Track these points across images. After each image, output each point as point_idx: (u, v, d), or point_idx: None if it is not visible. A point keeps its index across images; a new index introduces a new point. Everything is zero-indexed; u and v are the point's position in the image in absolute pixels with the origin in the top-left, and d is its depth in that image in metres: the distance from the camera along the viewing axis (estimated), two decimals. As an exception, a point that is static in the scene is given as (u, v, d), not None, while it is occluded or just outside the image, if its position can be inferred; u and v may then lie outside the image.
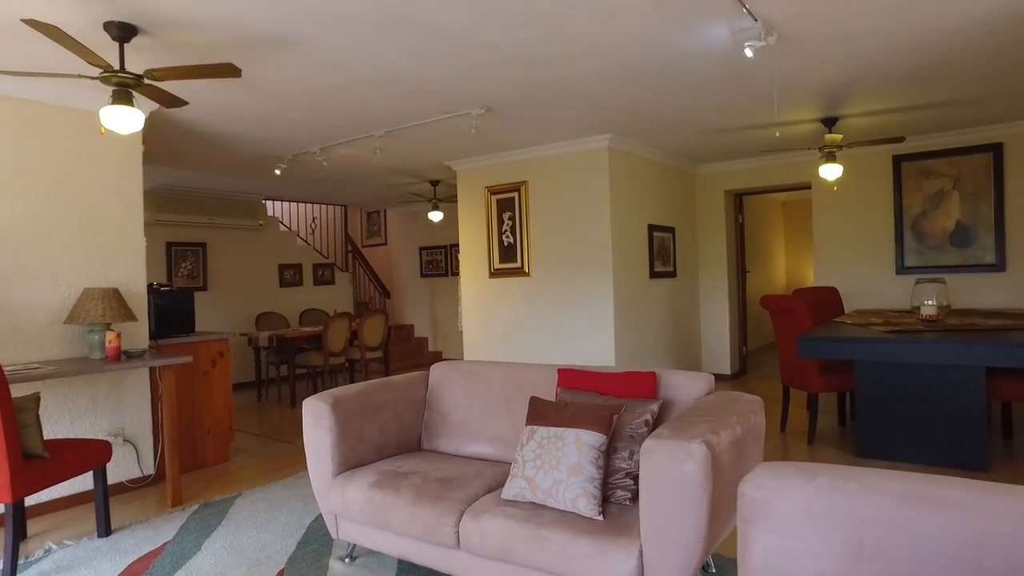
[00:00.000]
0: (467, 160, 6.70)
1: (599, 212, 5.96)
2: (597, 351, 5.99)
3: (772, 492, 1.61)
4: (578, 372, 2.91)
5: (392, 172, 7.27)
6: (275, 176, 7.07)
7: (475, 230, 6.77)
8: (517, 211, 6.43)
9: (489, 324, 6.67)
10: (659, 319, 6.80)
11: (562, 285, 6.18)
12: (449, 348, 10.04)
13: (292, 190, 8.23)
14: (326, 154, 6.01)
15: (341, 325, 6.96)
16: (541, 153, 6.23)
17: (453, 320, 9.89)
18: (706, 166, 7.69)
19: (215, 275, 8.08)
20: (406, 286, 10.50)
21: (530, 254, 6.36)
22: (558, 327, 6.21)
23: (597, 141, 5.90)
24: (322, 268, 9.32)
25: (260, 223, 8.33)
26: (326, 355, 6.84)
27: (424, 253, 10.24)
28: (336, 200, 9.45)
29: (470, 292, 6.83)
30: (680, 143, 6.37)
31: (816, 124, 5.70)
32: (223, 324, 8.12)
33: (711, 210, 7.77)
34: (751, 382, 7.39)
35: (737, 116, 5.36)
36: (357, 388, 3.15)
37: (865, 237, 6.90)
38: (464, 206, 6.87)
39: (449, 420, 3.29)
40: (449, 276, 9.95)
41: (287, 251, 8.90)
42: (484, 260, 6.69)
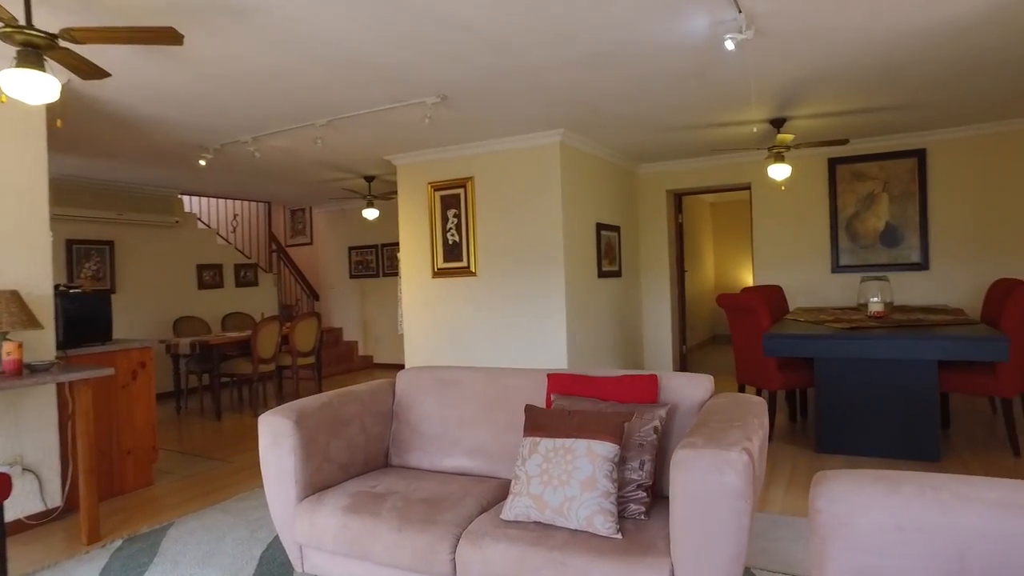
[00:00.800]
0: (409, 154, 6.37)
1: (550, 210, 5.78)
2: (549, 354, 5.80)
3: (851, 505, 1.44)
4: (572, 377, 2.69)
5: (326, 166, 6.83)
6: (196, 168, 6.48)
7: (417, 228, 6.44)
8: (463, 208, 6.16)
9: (432, 326, 6.36)
10: (606, 319, 6.70)
11: (511, 285, 5.96)
12: (381, 352, 9.62)
13: (213, 184, 7.61)
14: (259, 144, 5.53)
15: (272, 330, 6.46)
16: (489, 148, 5.99)
17: (385, 323, 9.48)
18: (648, 166, 7.68)
19: (124, 276, 7.35)
20: (334, 287, 9.99)
21: (477, 253, 6.10)
22: (507, 329, 5.98)
23: (549, 136, 5.72)
24: (244, 269, 8.69)
25: (176, 220, 7.65)
26: (255, 362, 6.32)
27: (354, 253, 9.76)
28: (260, 196, 8.85)
29: (412, 293, 6.49)
30: (628, 141, 6.29)
31: (765, 125, 5.75)
32: (134, 330, 7.39)
33: (652, 210, 7.77)
34: (693, 381, 7.41)
35: (690, 115, 5.32)
36: (320, 400, 2.80)
37: (802, 237, 7.06)
38: (405, 203, 6.53)
39: (421, 432, 3.00)
40: (381, 277, 9.53)
41: (206, 250, 8.23)
42: (427, 259, 6.38)
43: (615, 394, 2.56)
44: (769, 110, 5.29)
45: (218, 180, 7.32)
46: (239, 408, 6.87)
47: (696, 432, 2.02)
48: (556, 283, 5.76)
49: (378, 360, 9.64)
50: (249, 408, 6.79)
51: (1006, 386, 4.22)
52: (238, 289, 8.60)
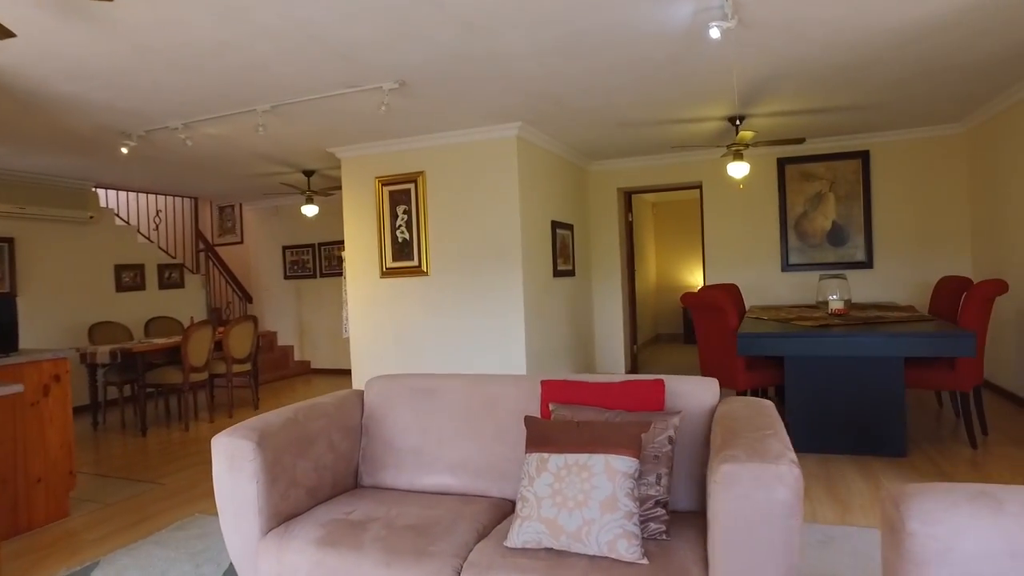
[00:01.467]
0: (356, 147, 5.98)
1: (507, 207, 5.53)
2: (506, 357, 5.55)
3: (952, 527, 1.26)
4: (570, 384, 2.45)
5: (264, 159, 6.34)
6: (115, 158, 5.88)
7: (363, 225, 6.06)
8: (413, 204, 5.83)
9: (380, 329, 6.00)
10: (562, 320, 6.52)
11: (466, 285, 5.67)
12: (319, 357, 9.12)
13: (134, 177, 6.96)
14: (191, 132, 5.03)
15: (204, 335, 5.92)
16: (443, 141, 5.69)
17: (323, 326, 8.99)
18: (599, 163, 7.55)
19: (29, 278, 6.61)
20: (268, 289, 9.40)
21: (429, 251, 5.78)
22: (462, 331, 5.70)
23: (506, 130, 5.47)
24: (169, 269, 8.02)
25: (90, 215, 6.95)
26: (186, 371, 5.78)
27: (289, 252, 9.22)
28: (186, 191, 8.20)
29: (358, 294, 6.11)
30: (584, 137, 6.12)
31: (722, 122, 5.70)
32: (41, 339, 6.66)
33: (603, 208, 7.65)
34: (646, 381, 7.32)
35: (653, 109, 5.19)
36: (284, 416, 2.45)
37: (753, 236, 7.09)
38: (350, 199, 6.13)
39: (396, 448, 2.69)
40: (318, 277, 9.03)
41: (125, 249, 7.54)
42: (374, 258, 6.01)
43: (620, 402, 2.34)
44: (730, 107, 5.23)
45: (140, 172, 6.70)
46: (167, 421, 6.29)
47: (732, 444, 1.82)
48: (513, 283, 5.52)
49: (316, 366, 9.14)
50: (179, 421, 6.22)
51: (964, 380, 4.28)
52: (162, 291, 7.93)
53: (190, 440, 5.47)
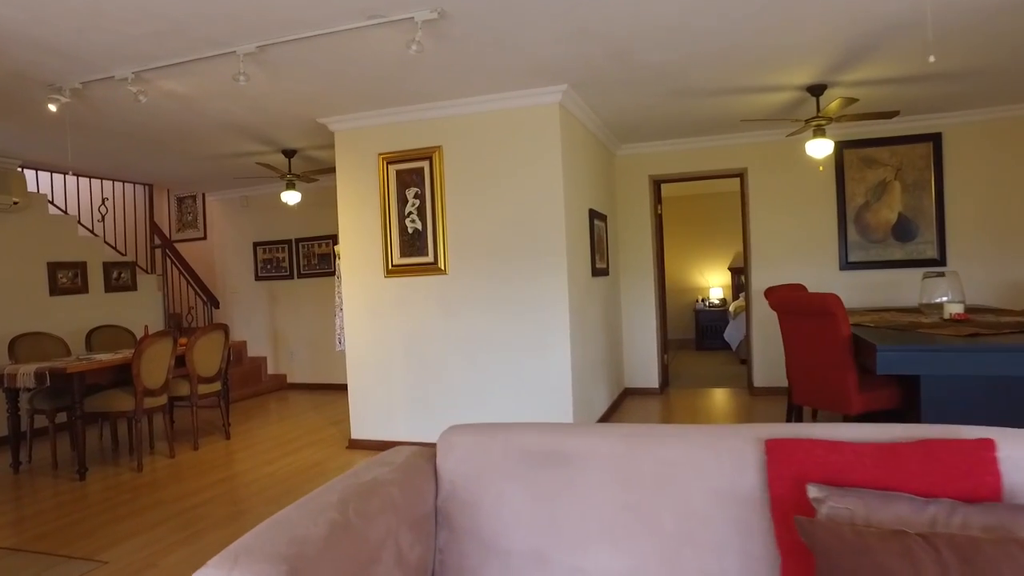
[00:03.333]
0: (354, 117, 4.86)
1: (547, 189, 4.49)
2: (545, 374, 4.50)
3: None
4: (821, 444, 1.42)
5: (237, 132, 5.16)
6: (41, 124, 4.64)
7: (363, 214, 4.94)
8: (427, 187, 4.73)
9: (386, 340, 4.88)
10: (598, 328, 5.50)
11: (494, 287, 4.60)
12: (296, 370, 7.91)
13: (70, 154, 5.68)
14: (145, 84, 3.85)
15: (161, 349, 4.71)
16: (465, 109, 4.62)
17: (302, 335, 7.79)
18: (629, 147, 6.56)
19: (-62, 278, 5.30)
20: (236, 292, 8.15)
21: (446, 245, 4.70)
22: (489, 343, 4.62)
23: (547, 94, 4.42)
24: (118, 268, 6.73)
25: (14, 201, 5.65)
26: (139, 395, 4.57)
27: (261, 250, 7.99)
28: (139, 176, 6.92)
29: (356, 298, 4.97)
30: (625, 109, 5.11)
31: (797, 93, 4.76)
32: (-47, 353, 5.35)
33: (632, 198, 6.66)
34: (683, 397, 6.36)
35: (728, 71, 4.22)
36: (327, 519, 1.37)
37: (806, 230, 6.18)
38: (346, 182, 5.00)
39: (499, 552, 1.63)
40: (295, 278, 7.83)
41: (62, 244, 6.24)
42: (377, 254, 4.89)
43: (923, 478, 1.32)
44: (815, 72, 4.29)
45: (79, 147, 5.43)
46: (114, 456, 5.05)
47: None
48: (556, 283, 4.47)
49: (294, 380, 7.92)
50: (129, 456, 4.99)
51: None
52: (109, 295, 6.64)
53: (143, 485, 4.27)
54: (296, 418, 6.20)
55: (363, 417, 4.96)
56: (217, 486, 4.17)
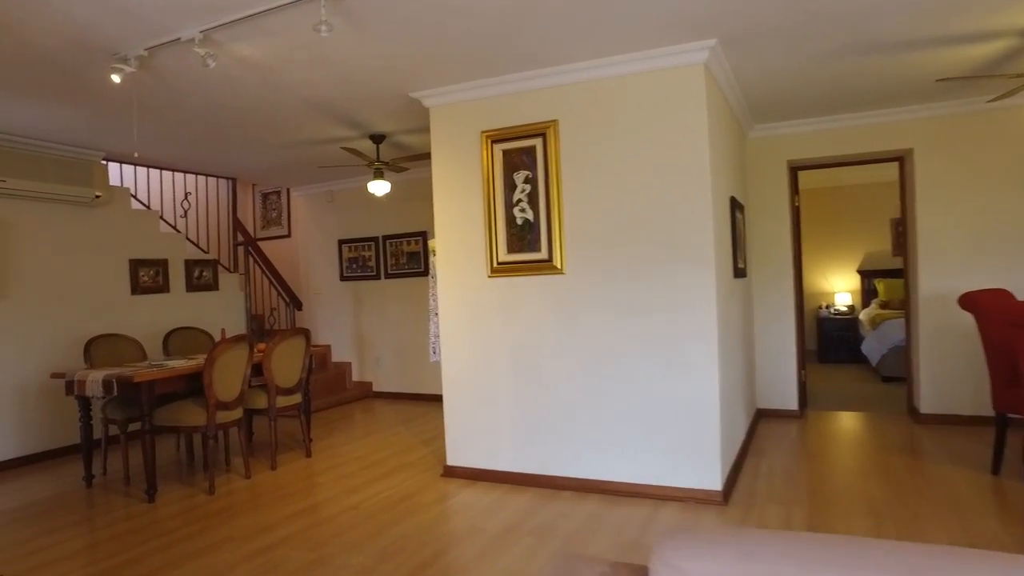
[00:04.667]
0: (452, 89, 4.16)
1: (690, 171, 3.64)
2: (686, 397, 3.64)
3: None
4: None
5: (319, 111, 4.58)
6: (113, 103, 4.18)
7: (462, 203, 4.23)
8: (539, 170, 3.97)
9: (487, 350, 4.15)
10: (739, 337, 4.58)
11: (622, 288, 3.79)
12: (381, 379, 7.34)
13: (147, 143, 5.28)
14: (214, 46, 3.28)
15: (236, 357, 4.17)
16: (586, 74, 3.83)
17: (389, 340, 7.21)
18: (763, 127, 5.60)
19: (17, 273, 4.99)
20: (320, 293, 7.68)
21: (563, 239, 3.92)
22: (615, 355, 3.81)
23: (690, 52, 3.58)
24: (200, 267, 6.35)
25: (97, 194, 5.31)
26: (212, 408, 4.03)
27: (346, 248, 7.48)
28: (220, 168, 6.52)
29: (454, 300, 4.27)
30: (774, 73, 4.17)
31: (1016, 40, 3.70)
32: (28, 356, 5.03)
33: (767, 188, 5.69)
34: (829, 422, 5.33)
35: (921, 17, 3.25)
36: None
37: (996, 223, 5.03)
38: (443, 166, 4.32)
39: None
40: (382, 279, 7.26)
41: (145, 240, 5.89)
42: (480, 249, 4.17)
43: None
44: (1057, 6, 3.25)
45: (154, 133, 5.00)
46: (188, 473, 4.56)
47: None
48: (700, 288, 3.61)
49: (379, 388, 7.36)
50: (203, 474, 4.48)
51: None
52: (190, 295, 6.26)
53: (214, 512, 3.71)
54: (383, 434, 5.58)
55: (461, 440, 4.25)
56: (294, 520, 3.55)
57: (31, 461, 5.06)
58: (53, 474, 4.74)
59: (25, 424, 5.02)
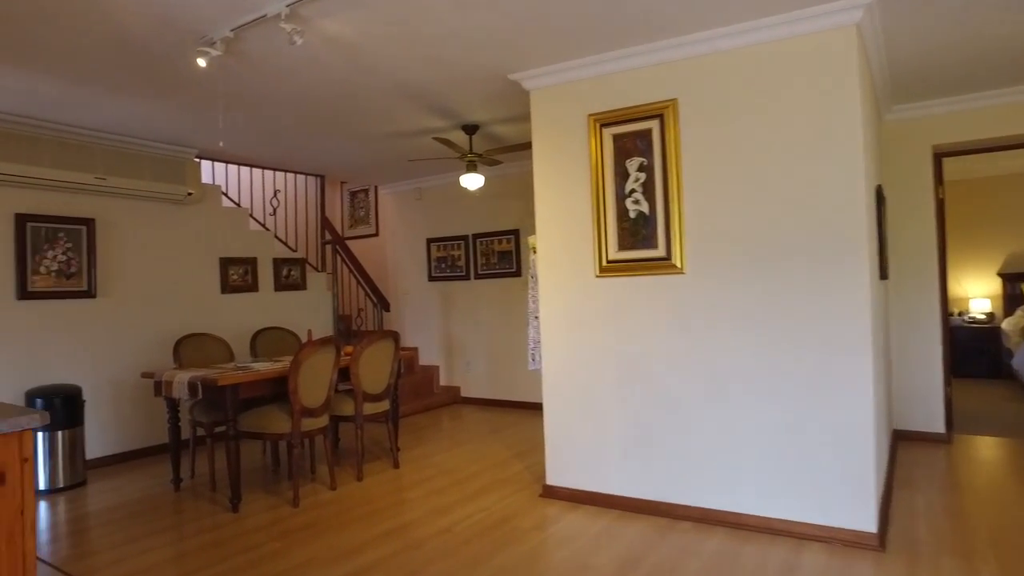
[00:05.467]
0: (556, 69, 3.75)
1: (838, 156, 3.08)
2: (833, 423, 3.08)
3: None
4: None
5: (410, 98, 4.28)
6: (201, 100, 4.02)
7: (566, 194, 3.82)
8: (656, 156, 3.50)
9: (594, 359, 3.71)
10: (883, 352, 3.95)
11: (756, 292, 3.26)
12: (470, 384, 7.03)
13: (239, 138, 5.15)
14: (301, 23, 3.00)
15: (323, 361, 3.91)
16: (711, 44, 3.33)
17: (478, 343, 6.89)
18: (902, 108, 4.90)
19: (110, 272, 4.96)
20: (407, 294, 7.46)
21: (682, 234, 3.43)
22: (747, 370, 3.28)
23: (839, 13, 3.02)
24: (288, 266, 6.23)
25: (189, 192, 5.23)
26: (296, 415, 3.79)
27: (435, 247, 7.22)
28: (309, 164, 6.37)
29: (556, 303, 3.86)
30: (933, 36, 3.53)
31: None
32: (126, 353, 5.00)
33: (907, 178, 4.98)
34: (988, 450, 4.57)
35: None
36: None
37: None
38: (545, 153, 3.91)
39: None
40: (472, 279, 6.95)
41: (234, 238, 5.81)
42: (586, 246, 3.74)
43: None
44: None
45: (241, 127, 4.85)
46: (272, 483, 4.36)
47: None
48: (852, 294, 3.04)
49: (468, 394, 7.06)
50: (288, 482, 4.27)
51: None
52: (278, 294, 6.14)
53: (297, 527, 3.44)
54: (473, 444, 5.24)
55: (562, 458, 3.83)
56: (383, 543, 3.23)
57: (127, 458, 5.02)
58: (145, 473, 4.66)
59: (122, 421, 4.98)
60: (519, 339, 6.55)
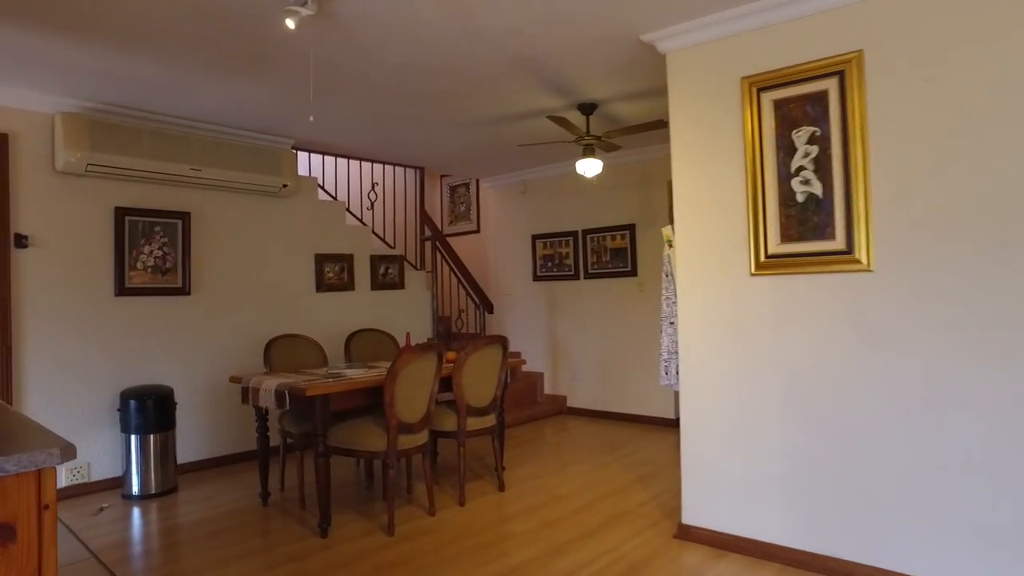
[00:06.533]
0: (697, 25, 3.09)
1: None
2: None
3: None
4: None
5: (524, 71, 3.74)
6: (293, 75, 3.63)
7: (712, 176, 3.14)
8: (833, 124, 2.77)
9: (749, 377, 3.02)
10: None
11: (975, 299, 2.47)
12: (576, 393, 6.43)
13: (334, 125, 4.80)
14: (406, -39, 2.52)
15: (423, 370, 3.43)
16: (917, -26, 2.57)
17: (588, 349, 6.28)
18: None
19: (203, 269, 4.72)
20: (510, 294, 6.96)
21: (870, 220, 2.68)
22: (961, 399, 2.50)
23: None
24: (386, 263, 5.87)
25: (284, 183, 4.94)
26: (392, 431, 3.32)
27: (540, 244, 6.67)
28: (408, 155, 5.97)
29: (699, 307, 3.19)
30: None
31: None
32: (216, 357, 4.75)
33: None
34: None
35: None
36: None
37: None
38: (684, 126, 3.26)
39: None
40: (581, 279, 6.35)
41: (330, 233, 5.49)
42: (738, 238, 3.05)
43: None
44: None
45: (337, 111, 4.48)
46: (365, 502, 3.93)
47: None
48: None
49: (574, 404, 6.46)
50: (382, 503, 3.83)
51: None
52: (375, 293, 5.78)
53: (390, 562, 2.97)
54: (586, 464, 4.63)
55: (703, 493, 3.16)
56: (491, 593, 2.69)
57: (219, 464, 4.78)
58: (235, 482, 4.37)
59: (212, 425, 4.75)
60: (633, 345, 5.90)
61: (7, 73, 3.64)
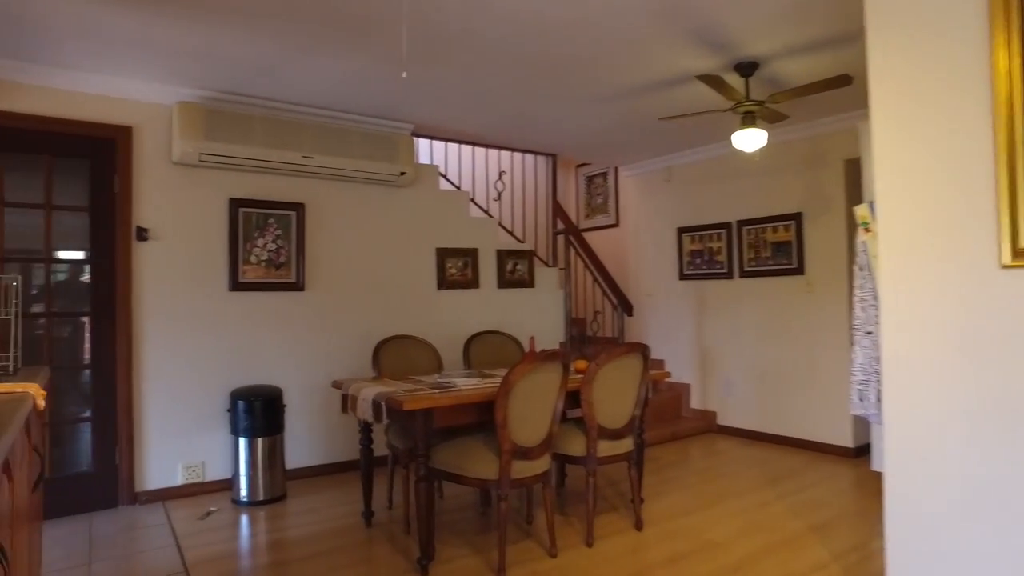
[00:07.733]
0: (922, -81, 2.23)
1: None
2: None
3: None
4: None
5: (666, 24, 3.03)
6: (391, 31, 3.18)
7: (935, 135, 2.27)
8: None
9: (994, 411, 2.12)
10: None
11: None
12: (728, 409, 5.55)
13: (452, 103, 4.34)
14: None
15: (544, 384, 2.84)
16: None
17: (739, 358, 5.39)
18: None
19: (318, 262, 4.46)
20: (652, 295, 6.21)
21: None
22: None
23: None
24: (514, 259, 5.36)
25: (402, 172, 4.57)
26: (505, 456, 2.76)
27: (687, 238, 5.86)
28: (538, 140, 5.42)
29: (915, 311, 2.33)
30: None
31: None
32: (332, 356, 4.47)
33: None
34: None
35: None
36: None
37: None
38: (890, 71, 2.40)
39: None
40: (735, 278, 5.47)
41: (453, 226, 5.07)
42: (978, 220, 2.17)
43: None
44: None
45: (450, 79, 3.99)
46: (476, 531, 3.41)
47: None
48: None
49: (726, 421, 5.59)
50: (495, 532, 3.29)
51: None
52: (501, 291, 5.29)
53: (501, 626, 2.40)
54: (742, 500, 3.82)
55: (924, 564, 2.29)
56: None
57: (328, 471, 4.49)
58: (343, 494, 4.03)
59: (322, 430, 4.47)
60: (798, 356, 4.95)
61: (128, 66, 3.57)
